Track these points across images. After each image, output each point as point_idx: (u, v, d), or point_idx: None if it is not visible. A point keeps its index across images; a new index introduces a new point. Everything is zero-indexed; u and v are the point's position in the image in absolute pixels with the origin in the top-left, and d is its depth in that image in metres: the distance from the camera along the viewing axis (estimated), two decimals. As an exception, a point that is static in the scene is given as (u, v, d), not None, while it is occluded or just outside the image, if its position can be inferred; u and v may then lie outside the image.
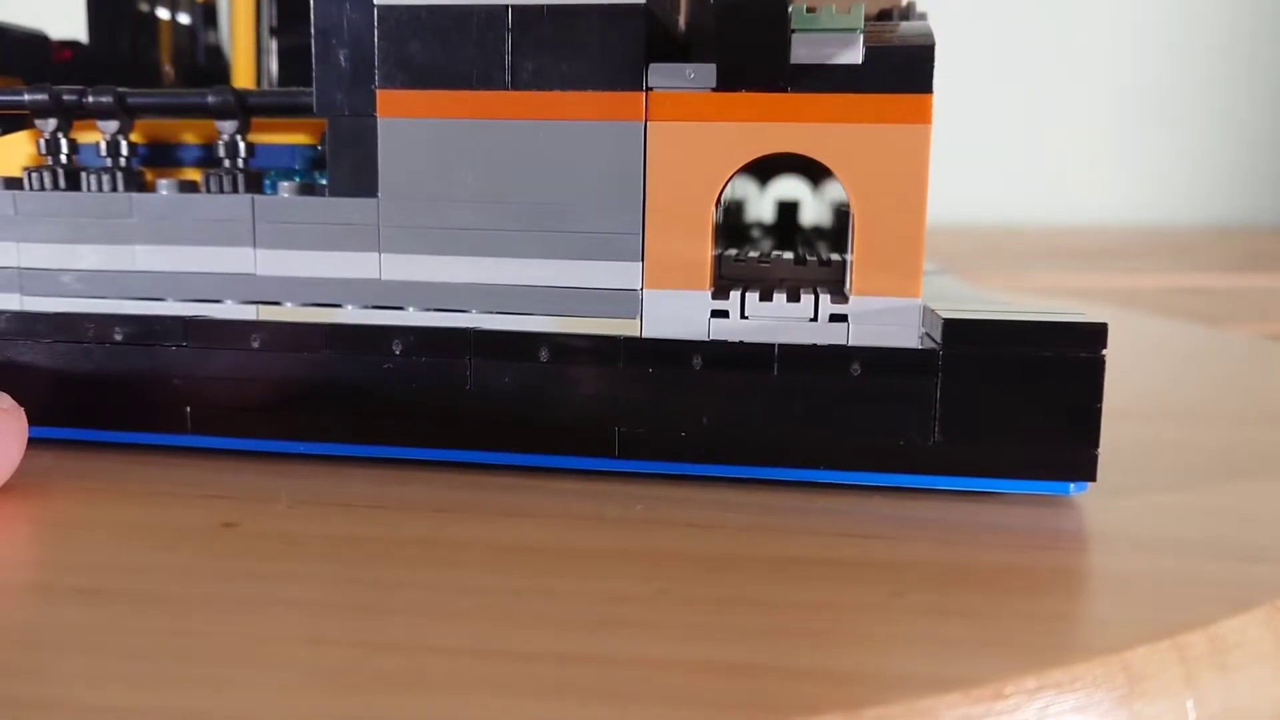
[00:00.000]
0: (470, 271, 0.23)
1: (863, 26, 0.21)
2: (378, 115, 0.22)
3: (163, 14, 0.34)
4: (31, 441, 0.21)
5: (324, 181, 0.25)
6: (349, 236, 0.23)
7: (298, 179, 0.24)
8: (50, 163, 0.24)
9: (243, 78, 0.35)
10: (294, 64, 0.33)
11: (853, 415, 0.20)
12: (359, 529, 0.18)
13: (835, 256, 0.25)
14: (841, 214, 0.23)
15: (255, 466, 0.22)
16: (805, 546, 0.18)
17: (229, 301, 0.23)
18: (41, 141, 0.24)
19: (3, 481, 0.19)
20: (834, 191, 0.29)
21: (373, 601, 0.15)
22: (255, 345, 0.22)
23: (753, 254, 0.26)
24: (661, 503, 0.20)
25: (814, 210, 0.45)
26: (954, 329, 0.19)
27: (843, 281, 0.25)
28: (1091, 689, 0.13)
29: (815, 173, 0.41)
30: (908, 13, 0.27)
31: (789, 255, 0.25)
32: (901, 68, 0.21)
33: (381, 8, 0.22)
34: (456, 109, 0.22)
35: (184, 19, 0.35)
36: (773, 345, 0.21)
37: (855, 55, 0.21)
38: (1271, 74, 1.06)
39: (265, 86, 0.38)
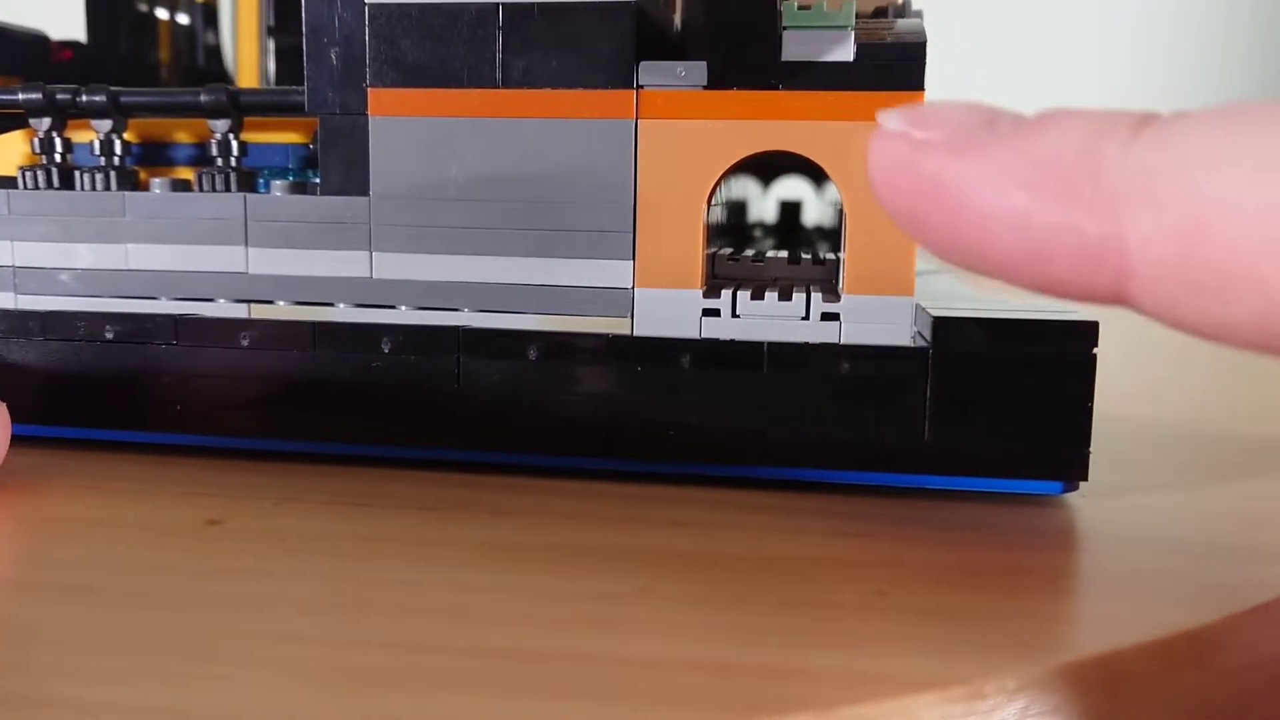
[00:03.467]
0: (462, 270, 0.23)
1: (854, 23, 0.21)
2: (369, 114, 0.22)
3: (162, 14, 0.34)
4: (21, 439, 0.21)
5: (316, 180, 0.25)
6: (340, 235, 0.23)
7: (291, 178, 0.24)
8: (44, 162, 0.24)
9: (246, 78, 0.36)
10: (290, 63, 0.33)
11: (842, 414, 0.20)
12: (343, 525, 0.18)
13: (830, 256, 0.25)
14: (840, 213, 0.23)
15: (243, 465, 0.22)
16: (790, 545, 0.18)
17: (221, 300, 0.23)
18: (35, 141, 0.24)
19: None
20: (835, 191, 0.29)
21: (356, 599, 0.15)
22: (245, 343, 0.22)
23: (748, 253, 0.26)
24: (648, 501, 0.20)
25: (817, 210, 0.45)
26: (944, 327, 0.19)
27: (836, 280, 0.25)
28: (1073, 689, 0.13)
29: (818, 173, 0.40)
30: (903, 10, 0.27)
31: (783, 254, 0.25)
32: (893, 65, 0.21)
33: (372, 6, 0.22)
34: (448, 107, 0.22)
35: (183, 19, 0.35)
36: (761, 343, 0.20)
37: (847, 52, 0.21)
38: (1272, 74, 1.06)
39: (264, 86, 0.38)
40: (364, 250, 0.23)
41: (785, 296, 0.22)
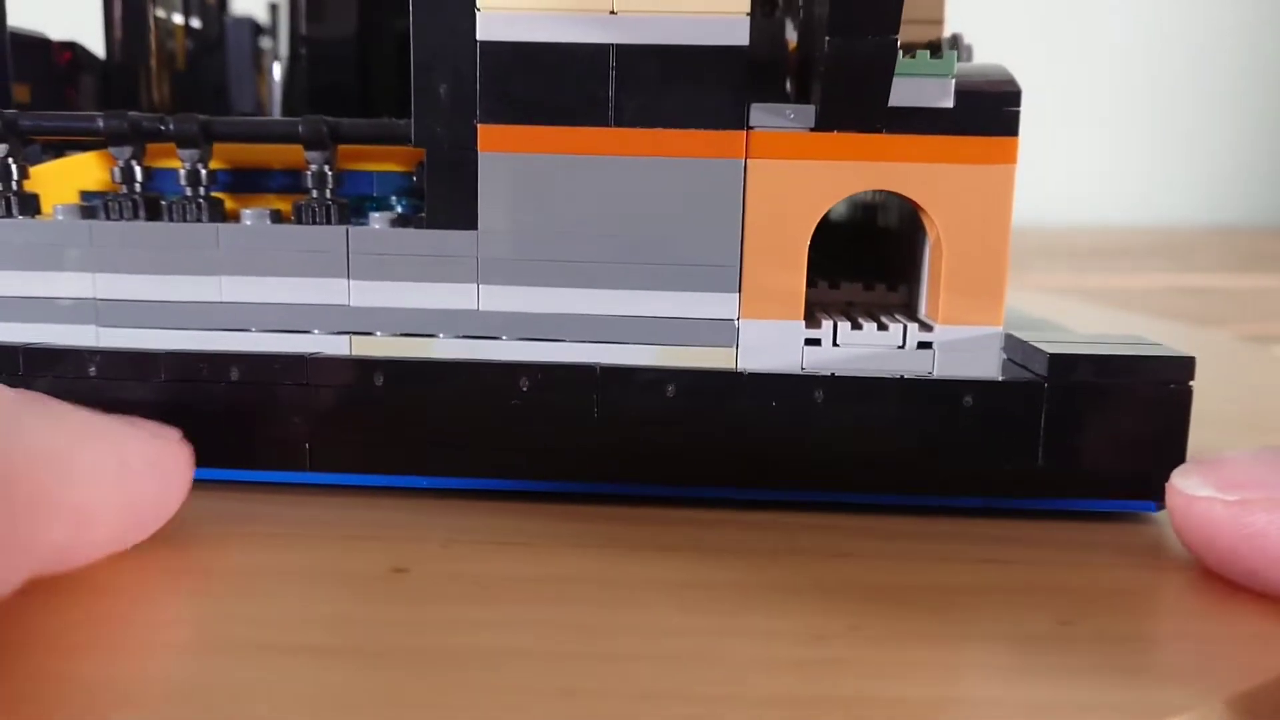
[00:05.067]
0: (568, 302, 0.23)
1: (955, 72, 0.22)
2: (478, 149, 0.23)
3: (177, 19, 0.33)
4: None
5: (400, 209, 0.25)
6: (447, 268, 0.23)
7: (399, 208, 0.24)
8: (126, 191, 0.24)
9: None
10: (320, 71, 0.33)
11: (966, 443, 0.22)
12: (528, 568, 0.18)
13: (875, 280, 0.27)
14: (922, 245, 0.24)
15: (383, 502, 0.22)
16: (961, 574, 0.19)
17: (317, 332, 0.23)
18: (116, 170, 0.24)
19: (162, 522, 0.18)
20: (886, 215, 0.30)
21: (577, 648, 0.16)
22: (379, 382, 0.22)
23: (821, 281, 0.27)
24: (806, 531, 0.21)
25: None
26: (1058, 363, 0.21)
27: (909, 306, 0.26)
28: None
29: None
30: (956, 43, 0.28)
31: (857, 283, 0.27)
32: (990, 111, 0.22)
33: (484, 43, 0.22)
34: (558, 144, 0.23)
35: (195, 23, 0.34)
36: (893, 378, 0.22)
37: (947, 99, 0.22)
38: (1272, 74, 1.09)
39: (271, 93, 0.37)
40: (471, 283, 0.23)
41: (882, 327, 0.23)
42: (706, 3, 0.22)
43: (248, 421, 0.22)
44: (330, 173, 0.24)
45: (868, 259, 0.28)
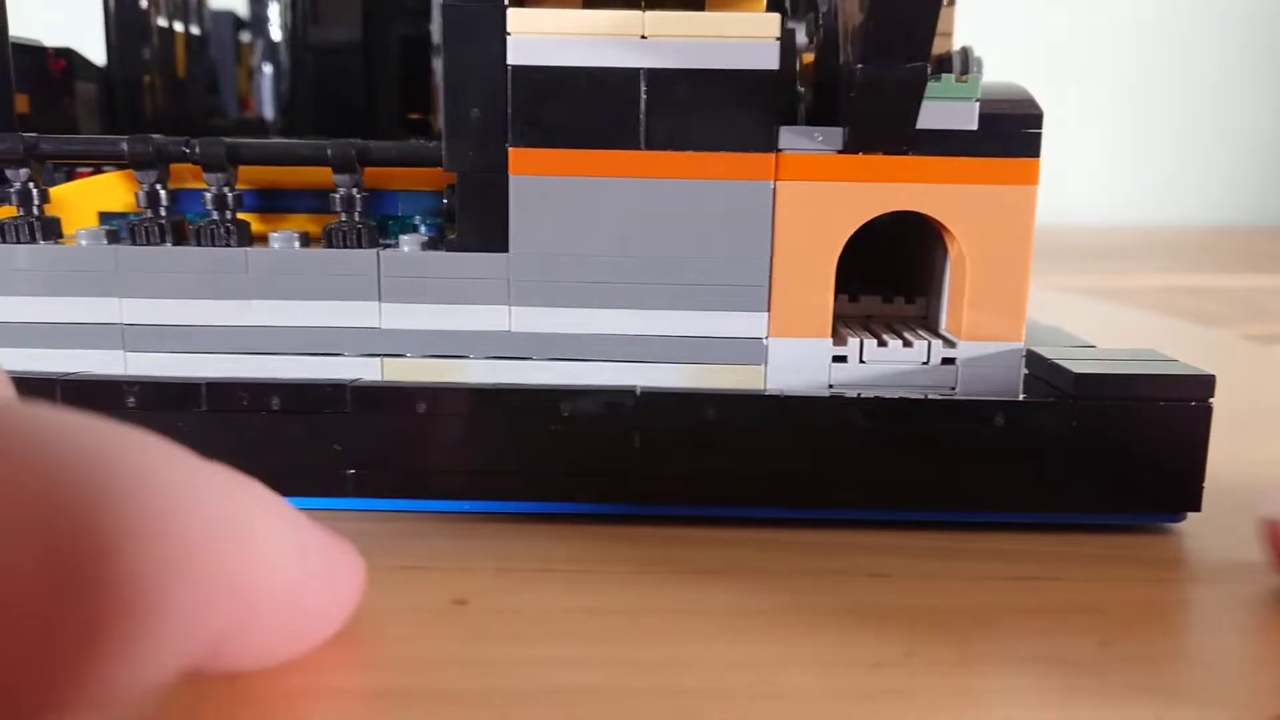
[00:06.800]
0: (600, 323, 0.23)
1: (979, 95, 0.23)
2: (510, 173, 0.23)
3: (178, 27, 0.33)
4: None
5: (424, 229, 0.25)
6: (478, 290, 0.23)
7: (423, 229, 0.24)
8: (151, 215, 0.24)
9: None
10: (320, 75, 0.33)
11: (996, 460, 0.22)
12: (581, 599, 0.19)
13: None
14: (942, 261, 0.25)
15: (425, 528, 0.22)
16: (996, 593, 0.19)
17: (347, 355, 0.24)
18: (141, 194, 0.24)
19: (330, 632, 0.16)
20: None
21: (644, 684, 0.16)
22: (421, 410, 0.22)
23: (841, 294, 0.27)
24: (836, 550, 0.21)
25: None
26: (1085, 382, 0.22)
27: (926, 319, 0.27)
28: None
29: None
30: (966, 57, 0.28)
31: (875, 297, 0.27)
32: (1013, 133, 0.23)
33: (516, 68, 0.22)
34: (590, 168, 0.23)
35: (195, 30, 0.34)
36: (929, 399, 0.22)
37: (971, 121, 0.23)
38: (1272, 74, 1.09)
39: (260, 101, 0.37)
40: (502, 305, 0.23)
41: (906, 344, 0.24)
42: (736, 27, 0.22)
43: (291, 449, 0.22)
44: (359, 195, 0.24)
45: (880, 270, 0.28)
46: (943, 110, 0.23)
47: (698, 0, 0.25)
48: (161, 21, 0.32)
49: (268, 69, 0.35)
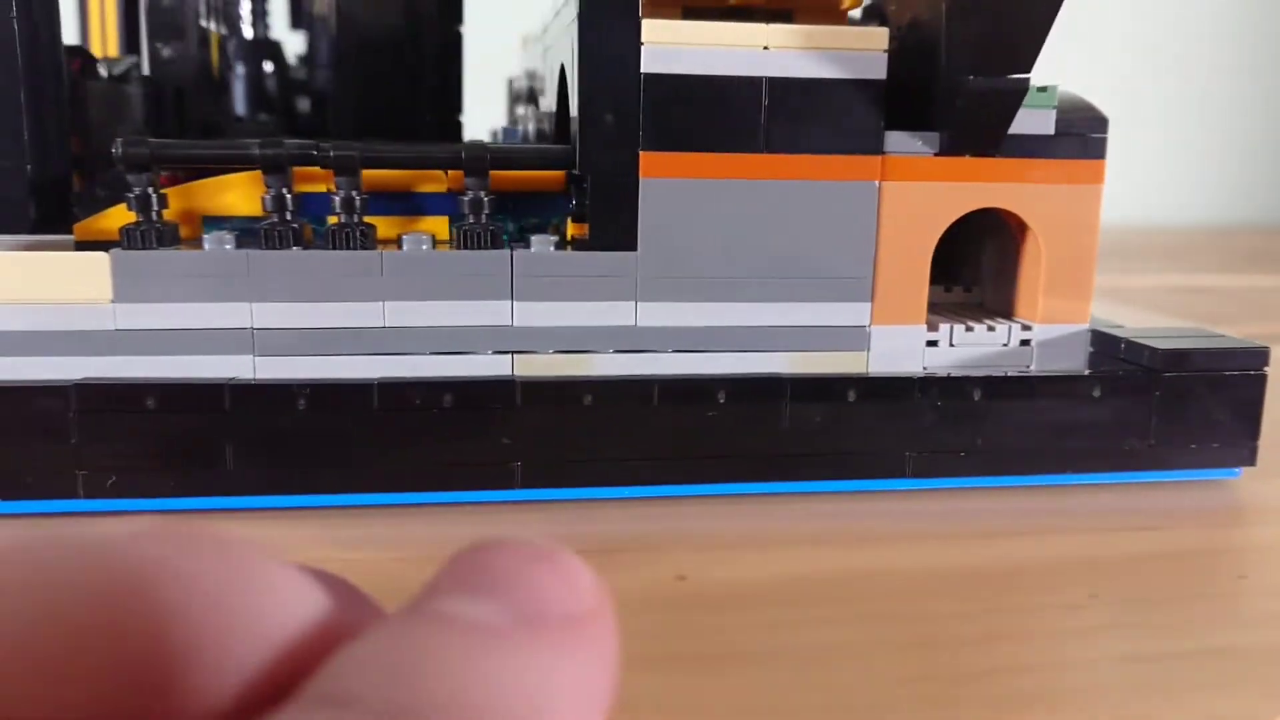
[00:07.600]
0: (720, 315, 0.25)
1: (1056, 103, 0.25)
2: (640, 175, 0.24)
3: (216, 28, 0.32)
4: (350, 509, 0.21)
5: (508, 228, 0.26)
6: (607, 287, 0.24)
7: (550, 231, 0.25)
8: (277, 219, 0.24)
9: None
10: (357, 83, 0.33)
11: (1092, 428, 0.25)
12: (791, 568, 0.21)
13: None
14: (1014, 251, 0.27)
15: (585, 514, 0.23)
16: (1120, 544, 0.22)
17: (479, 352, 0.24)
18: (267, 198, 0.24)
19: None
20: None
21: (895, 636, 0.18)
22: (588, 402, 0.23)
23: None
24: (950, 516, 0.24)
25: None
26: (1169, 357, 0.25)
27: (983, 305, 0.29)
28: None
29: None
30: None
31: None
32: (1085, 137, 0.26)
33: (648, 76, 0.24)
34: (714, 170, 0.24)
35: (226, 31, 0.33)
36: (1036, 377, 0.25)
37: (1049, 126, 0.25)
38: (1271, 74, 1.09)
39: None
40: (629, 300, 0.25)
41: (990, 329, 0.26)
42: (850, 40, 0.24)
43: (459, 445, 0.23)
44: (487, 198, 0.24)
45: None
46: (1025, 116, 0.25)
47: (785, 12, 0.26)
48: (203, 23, 0.31)
49: (302, 71, 0.35)
